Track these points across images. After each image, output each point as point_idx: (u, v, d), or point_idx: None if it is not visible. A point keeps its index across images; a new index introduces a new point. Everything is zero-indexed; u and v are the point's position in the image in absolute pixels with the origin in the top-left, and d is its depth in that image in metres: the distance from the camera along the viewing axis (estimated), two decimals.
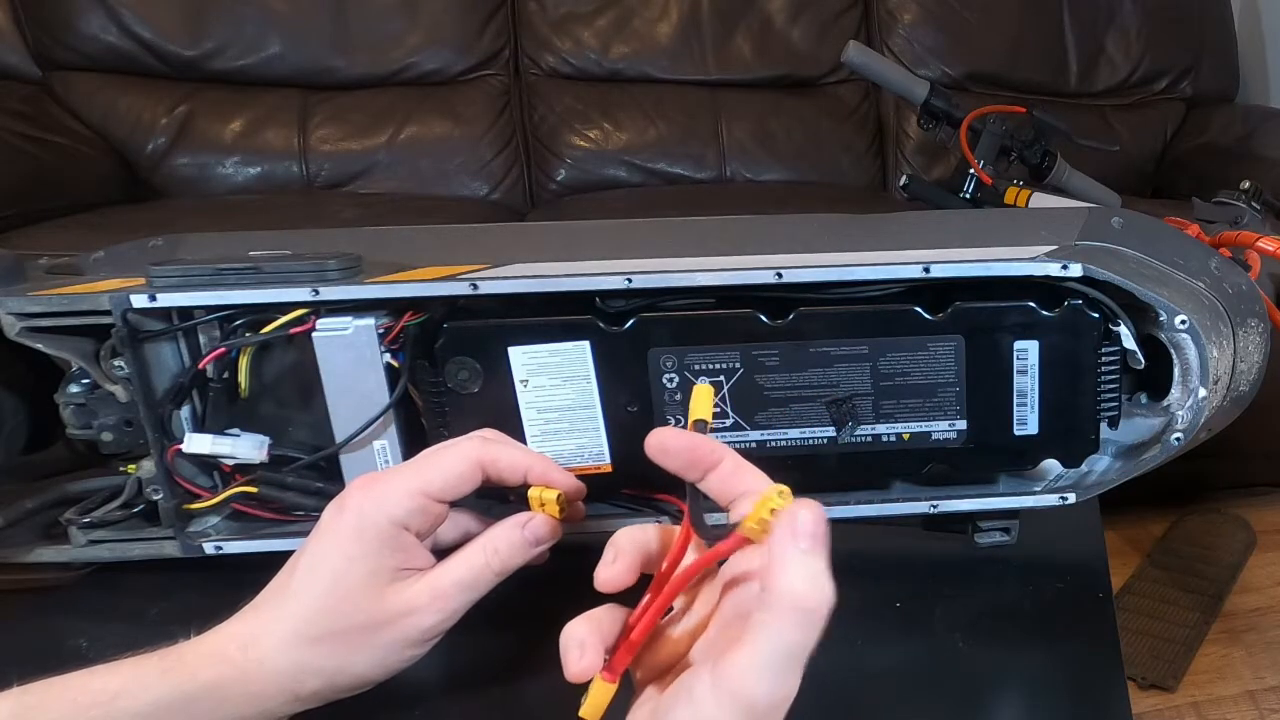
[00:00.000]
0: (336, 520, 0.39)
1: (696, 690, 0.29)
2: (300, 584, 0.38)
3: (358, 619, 0.38)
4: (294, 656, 0.38)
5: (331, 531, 0.39)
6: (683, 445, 0.35)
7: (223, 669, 0.37)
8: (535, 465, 0.42)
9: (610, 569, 0.35)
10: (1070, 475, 0.55)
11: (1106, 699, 0.45)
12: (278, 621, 0.38)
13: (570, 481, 0.44)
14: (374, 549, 0.38)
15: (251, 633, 0.38)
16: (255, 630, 0.38)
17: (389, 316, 0.50)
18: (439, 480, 0.39)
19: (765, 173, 2.04)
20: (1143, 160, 2.24)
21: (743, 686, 0.29)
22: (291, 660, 0.38)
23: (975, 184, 1.58)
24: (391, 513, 0.39)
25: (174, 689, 0.36)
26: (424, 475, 0.39)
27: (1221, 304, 0.54)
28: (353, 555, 0.38)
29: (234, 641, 0.38)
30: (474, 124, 1.93)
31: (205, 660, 0.37)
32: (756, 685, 0.28)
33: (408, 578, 0.39)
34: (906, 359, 0.50)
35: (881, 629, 0.50)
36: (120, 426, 0.51)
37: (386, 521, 0.38)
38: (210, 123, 1.79)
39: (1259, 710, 1.18)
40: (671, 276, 0.48)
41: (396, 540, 0.39)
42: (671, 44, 2.04)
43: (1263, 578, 1.46)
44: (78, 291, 0.49)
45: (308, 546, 0.39)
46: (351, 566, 0.38)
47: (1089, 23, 2.22)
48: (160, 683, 0.36)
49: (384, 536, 0.38)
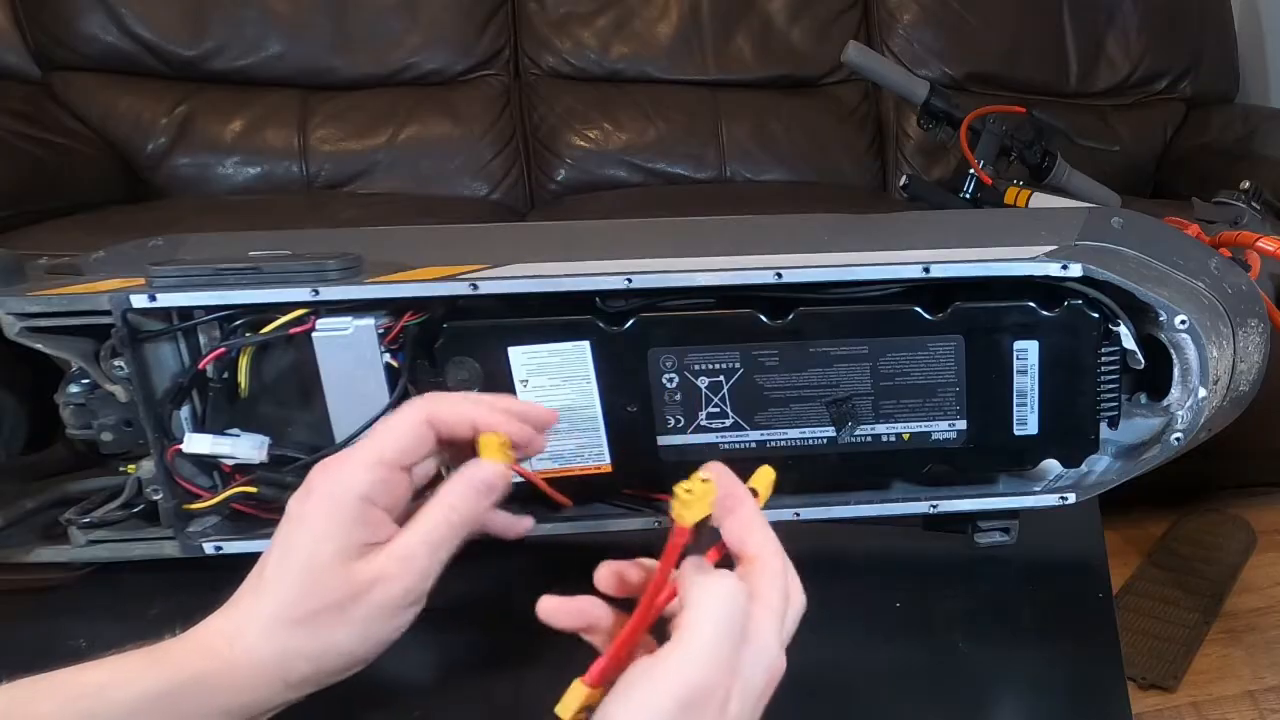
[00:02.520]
0: (303, 505, 0.39)
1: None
2: (274, 572, 0.39)
3: (332, 596, 0.38)
4: (278, 643, 0.38)
5: (298, 516, 0.39)
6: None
7: (209, 661, 0.37)
8: (480, 414, 0.42)
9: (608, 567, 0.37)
10: (1070, 475, 0.55)
11: (1106, 699, 0.45)
12: (258, 610, 0.38)
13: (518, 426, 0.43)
14: (341, 526, 0.39)
15: (235, 625, 0.38)
16: (238, 622, 0.38)
17: (389, 316, 0.50)
18: (392, 445, 0.40)
19: (765, 173, 2.04)
20: (1143, 160, 2.23)
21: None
22: (276, 647, 0.38)
23: (975, 184, 1.58)
24: (354, 488, 0.39)
25: (160, 681, 0.36)
26: (377, 444, 0.40)
27: (1221, 304, 0.54)
28: (320, 535, 0.39)
29: (219, 635, 0.38)
30: (474, 124, 1.92)
31: (191, 654, 0.37)
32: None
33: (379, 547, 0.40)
34: (906, 359, 0.50)
35: (881, 629, 0.50)
36: (120, 426, 0.51)
37: (351, 497, 0.39)
38: (210, 123, 1.79)
39: (1259, 710, 1.18)
40: (671, 276, 0.48)
41: (363, 515, 0.39)
42: (671, 44, 2.04)
43: (1263, 578, 1.46)
44: (78, 291, 0.49)
45: (278, 536, 0.39)
46: (320, 546, 0.39)
47: (1089, 23, 2.21)
48: (146, 675, 0.36)
49: (349, 512, 0.39)
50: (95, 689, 0.35)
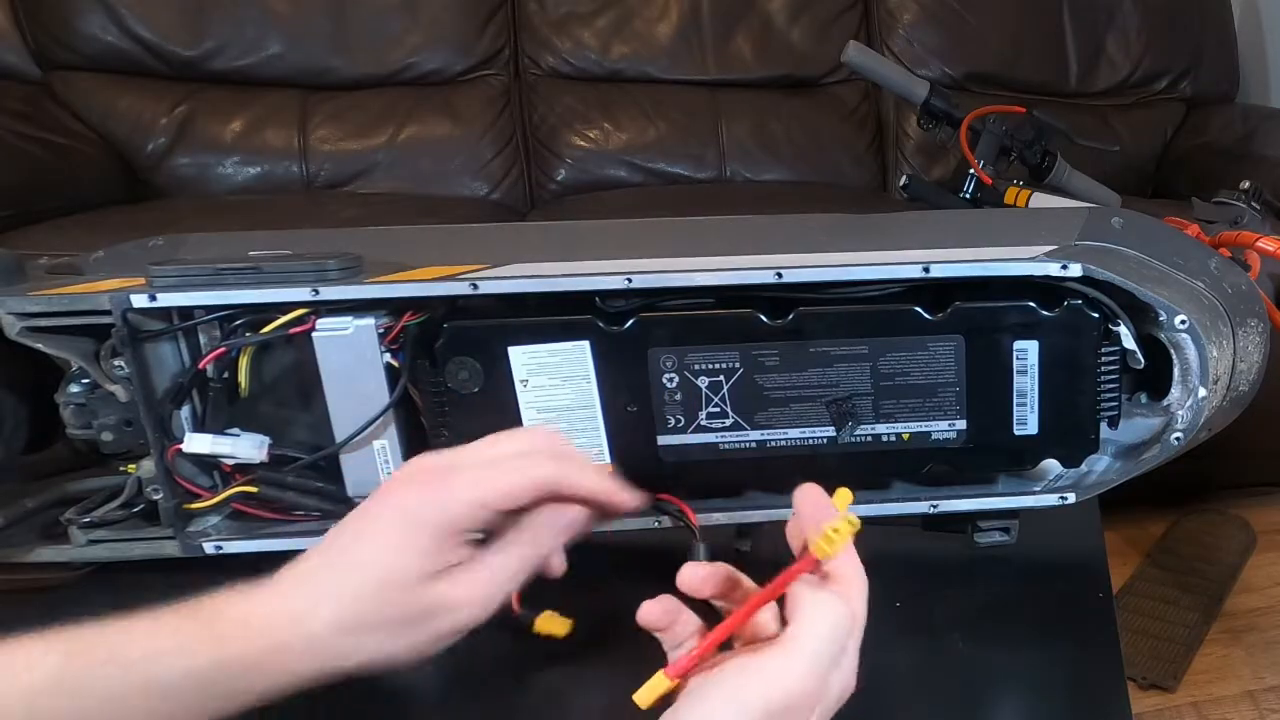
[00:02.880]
0: (396, 513, 0.40)
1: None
2: (354, 568, 0.39)
3: (405, 610, 0.39)
4: (341, 639, 0.38)
5: (389, 522, 0.39)
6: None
7: (268, 642, 0.37)
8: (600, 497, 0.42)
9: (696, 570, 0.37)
10: (1070, 475, 0.55)
11: (1106, 699, 0.45)
12: (329, 602, 0.39)
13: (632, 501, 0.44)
14: (428, 547, 0.39)
15: (302, 609, 0.38)
16: (306, 607, 0.38)
17: (389, 316, 0.50)
18: (497, 497, 0.40)
19: (765, 173, 2.04)
20: (1143, 160, 2.23)
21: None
22: (338, 642, 0.38)
23: (975, 184, 1.58)
24: (453, 519, 0.39)
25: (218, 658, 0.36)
26: (484, 488, 0.40)
27: (1221, 304, 0.54)
28: (406, 549, 0.39)
29: (281, 618, 0.38)
30: (474, 124, 1.92)
31: (251, 633, 0.37)
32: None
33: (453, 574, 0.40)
34: (906, 359, 0.50)
35: (881, 629, 0.50)
36: (120, 426, 0.51)
37: (446, 525, 0.39)
38: (210, 123, 1.79)
39: (1259, 710, 1.18)
40: (671, 276, 0.48)
41: (450, 541, 0.40)
42: (671, 44, 2.04)
43: (1263, 578, 1.46)
44: (78, 291, 0.49)
45: (364, 530, 0.40)
46: (405, 561, 0.39)
47: (1089, 23, 2.21)
48: (205, 651, 0.36)
49: (439, 537, 0.39)
50: (154, 658, 0.36)
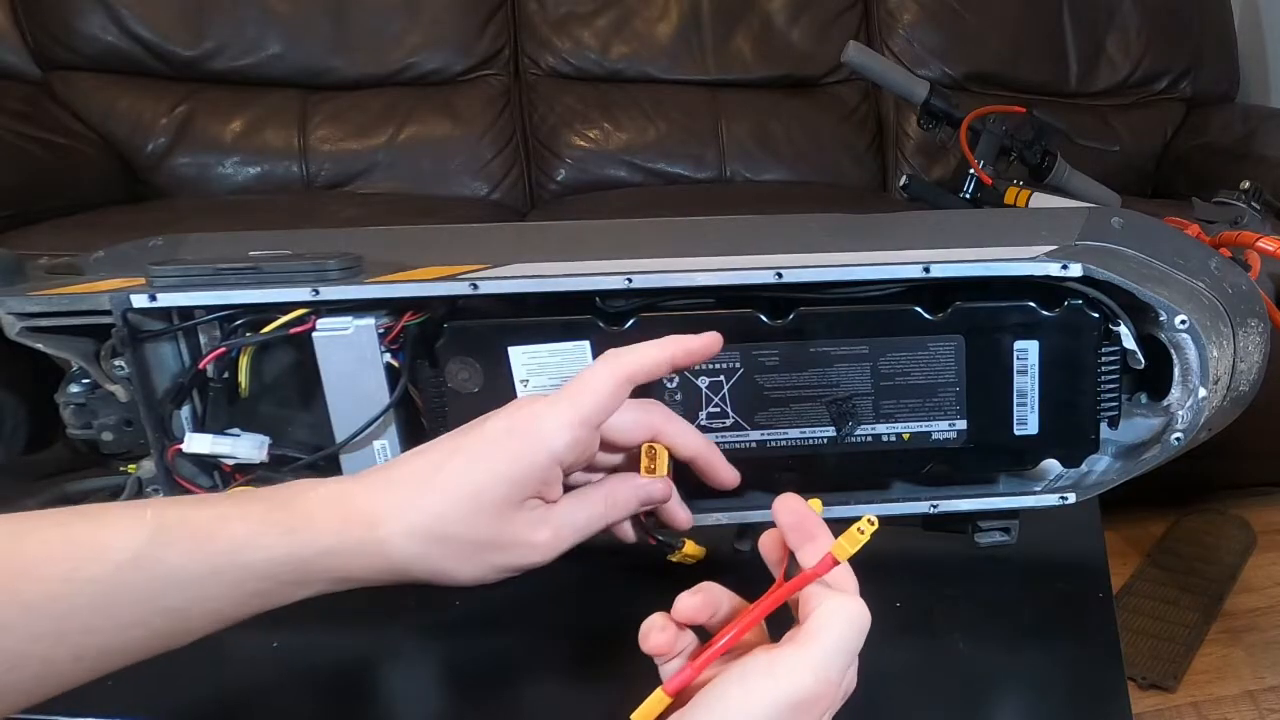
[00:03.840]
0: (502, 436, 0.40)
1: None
2: (445, 482, 0.39)
3: (484, 535, 0.39)
4: (416, 548, 0.38)
5: (492, 442, 0.40)
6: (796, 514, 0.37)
7: (344, 538, 0.37)
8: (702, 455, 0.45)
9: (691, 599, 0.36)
10: (1070, 475, 0.55)
11: (1106, 699, 0.45)
12: (412, 510, 0.39)
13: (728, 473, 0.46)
14: (523, 476, 0.39)
15: (384, 511, 0.38)
16: (389, 510, 0.38)
17: (389, 316, 0.50)
18: (593, 404, 0.40)
19: (765, 173, 2.04)
20: (1143, 160, 2.24)
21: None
22: (413, 551, 0.38)
23: (975, 184, 1.58)
24: (551, 447, 0.40)
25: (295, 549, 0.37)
26: (580, 403, 0.40)
27: (1221, 304, 0.54)
28: (501, 475, 0.39)
29: (362, 515, 0.38)
30: (474, 124, 1.93)
31: (329, 525, 0.37)
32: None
33: (536, 507, 0.41)
34: (906, 359, 0.50)
35: (881, 629, 0.50)
36: (120, 426, 0.51)
37: (545, 455, 0.40)
38: (210, 123, 1.79)
39: (1259, 710, 1.18)
40: (671, 276, 0.48)
41: (546, 474, 0.40)
42: (671, 44, 2.04)
43: (1263, 578, 1.46)
44: (78, 291, 0.49)
45: (462, 445, 0.40)
46: (497, 485, 0.39)
47: (1089, 23, 2.22)
48: (282, 542, 0.36)
49: (537, 469, 0.40)
50: (229, 547, 0.35)
